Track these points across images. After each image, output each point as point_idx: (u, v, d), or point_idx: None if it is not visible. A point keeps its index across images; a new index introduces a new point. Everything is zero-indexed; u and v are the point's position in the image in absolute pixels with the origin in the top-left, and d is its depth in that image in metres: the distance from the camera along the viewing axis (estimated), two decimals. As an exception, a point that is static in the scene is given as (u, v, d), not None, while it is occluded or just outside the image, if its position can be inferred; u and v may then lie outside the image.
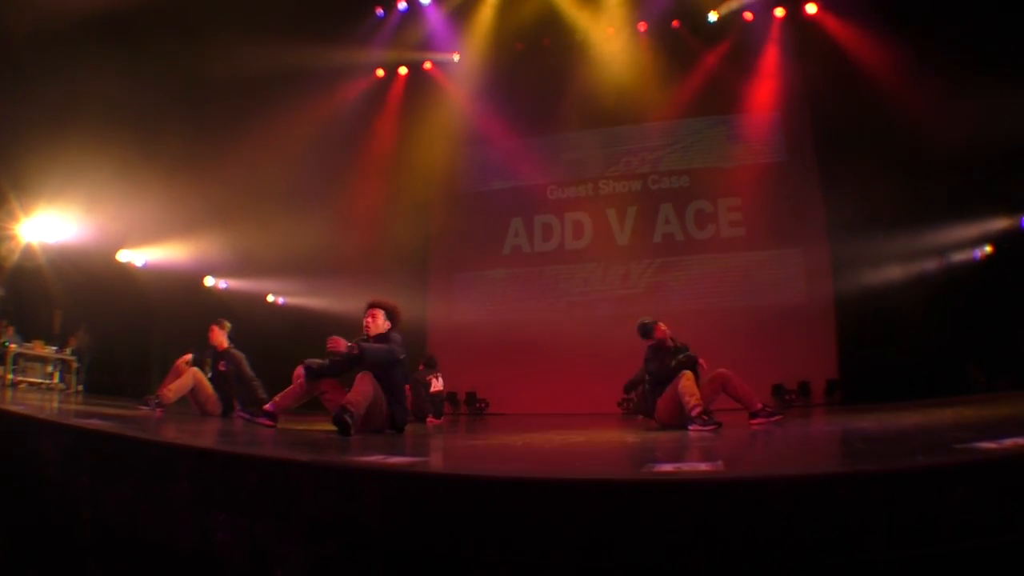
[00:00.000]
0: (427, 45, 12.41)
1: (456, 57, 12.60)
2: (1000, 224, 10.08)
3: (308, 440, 3.56)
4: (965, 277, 9.89)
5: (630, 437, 4.12)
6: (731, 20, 11.83)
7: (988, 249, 10.25)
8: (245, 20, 9.89)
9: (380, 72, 13.03)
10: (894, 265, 10.13)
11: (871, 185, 9.86)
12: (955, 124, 8.74)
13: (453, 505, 1.75)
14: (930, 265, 10.22)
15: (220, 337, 6.35)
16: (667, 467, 2.05)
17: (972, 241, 10.22)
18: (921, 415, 4.38)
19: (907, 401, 7.06)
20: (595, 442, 3.73)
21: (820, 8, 11.32)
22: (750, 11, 11.72)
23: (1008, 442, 1.82)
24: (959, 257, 10.30)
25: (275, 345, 10.31)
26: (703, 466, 2.00)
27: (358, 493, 1.90)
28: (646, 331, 5.76)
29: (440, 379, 8.79)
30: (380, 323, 4.47)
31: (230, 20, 9.81)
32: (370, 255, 11.71)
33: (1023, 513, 1.44)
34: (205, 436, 3.55)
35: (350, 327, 11.02)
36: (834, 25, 11.01)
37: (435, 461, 2.67)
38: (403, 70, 13.11)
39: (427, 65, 13.05)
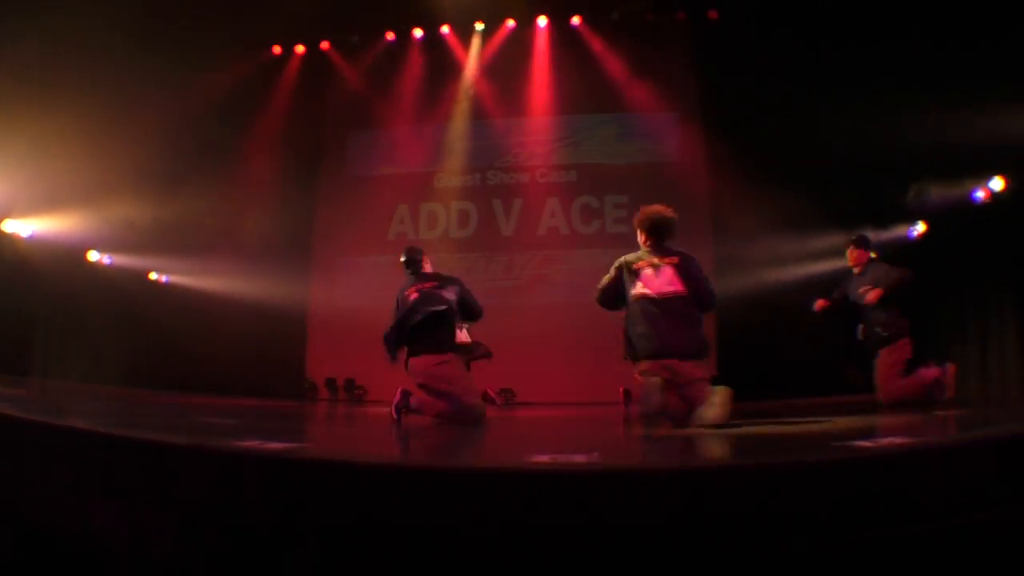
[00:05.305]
0: (326, 24, 12.15)
1: (354, 39, 12.54)
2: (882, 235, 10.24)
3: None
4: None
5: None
6: (633, 19, 11.92)
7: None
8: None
9: (277, 49, 12.77)
10: (774, 268, 10.27)
11: (757, 190, 9.99)
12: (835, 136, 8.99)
13: (326, 489, 1.83)
14: (807, 270, 10.36)
15: None
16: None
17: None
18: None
19: (786, 400, 7.51)
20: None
21: (719, 15, 11.47)
22: (650, 12, 11.83)
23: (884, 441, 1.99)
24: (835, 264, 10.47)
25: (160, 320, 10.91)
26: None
27: (236, 477, 1.96)
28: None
29: None
30: None
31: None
32: (256, 236, 11.52)
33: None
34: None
35: (232, 306, 11.25)
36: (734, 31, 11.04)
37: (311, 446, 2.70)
38: (300, 49, 12.85)
39: (324, 45, 12.83)
